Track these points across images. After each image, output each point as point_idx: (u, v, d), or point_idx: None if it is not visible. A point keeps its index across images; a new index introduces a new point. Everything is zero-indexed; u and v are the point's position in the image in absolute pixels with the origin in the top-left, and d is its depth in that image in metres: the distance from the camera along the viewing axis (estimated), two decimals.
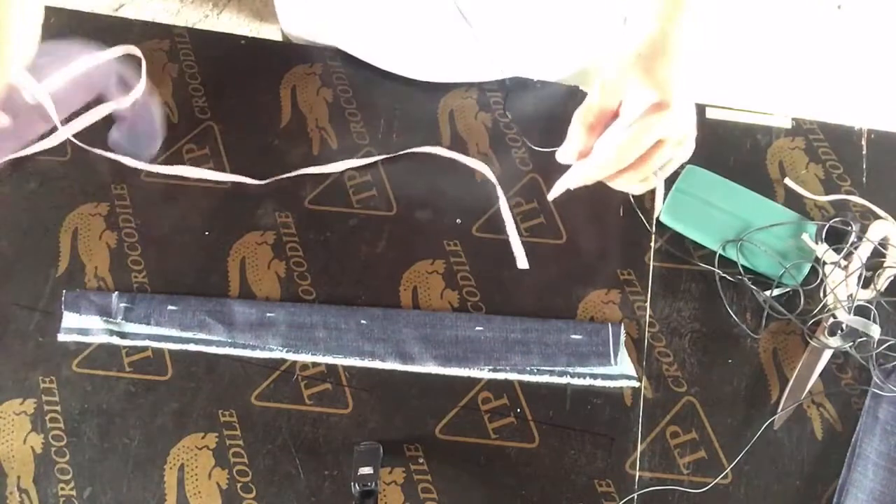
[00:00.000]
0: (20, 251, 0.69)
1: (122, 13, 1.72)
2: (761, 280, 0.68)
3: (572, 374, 0.65)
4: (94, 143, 0.71)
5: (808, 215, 0.71)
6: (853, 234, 0.67)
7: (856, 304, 0.66)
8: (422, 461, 0.63)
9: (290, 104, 0.75)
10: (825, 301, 0.66)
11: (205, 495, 0.62)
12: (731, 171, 0.72)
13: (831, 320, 0.66)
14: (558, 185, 0.59)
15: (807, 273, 0.68)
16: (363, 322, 0.66)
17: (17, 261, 0.68)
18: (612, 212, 0.72)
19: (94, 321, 0.66)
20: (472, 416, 0.65)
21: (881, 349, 0.65)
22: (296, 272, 0.69)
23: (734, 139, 0.75)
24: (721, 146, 0.74)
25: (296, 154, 0.73)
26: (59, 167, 0.71)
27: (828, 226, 0.68)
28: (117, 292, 0.67)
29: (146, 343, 0.66)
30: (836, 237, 0.68)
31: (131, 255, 0.69)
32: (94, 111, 0.71)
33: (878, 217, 0.71)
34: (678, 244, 0.70)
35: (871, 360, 0.66)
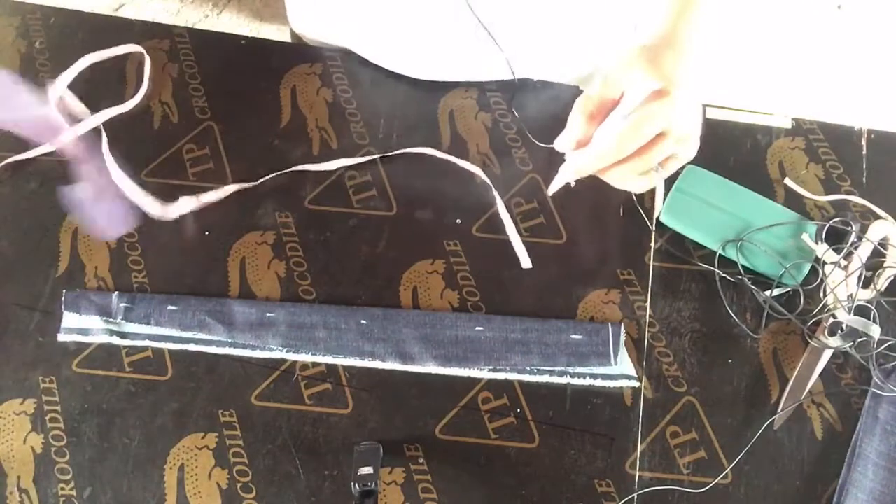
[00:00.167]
0: (20, 251, 0.69)
1: (122, 13, 1.72)
2: (761, 280, 0.68)
3: (572, 374, 0.65)
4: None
5: (808, 215, 0.71)
6: (853, 234, 0.67)
7: (856, 304, 0.66)
8: (422, 461, 0.63)
9: (290, 104, 0.75)
10: (825, 301, 0.66)
11: (205, 495, 0.62)
12: (731, 171, 0.72)
13: (831, 320, 0.66)
14: (557, 178, 0.57)
15: (807, 273, 0.68)
16: (363, 322, 0.66)
17: (17, 261, 0.68)
18: (612, 212, 0.72)
19: (94, 321, 0.66)
20: (472, 416, 0.65)
21: (881, 349, 0.65)
22: (296, 272, 0.69)
23: (734, 139, 0.75)
24: (721, 146, 0.74)
25: (296, 154, 0.73)
26: (59, 167, 0.71)
27: (828, 226, 0.68)
28: (117, 292, 0.67)
29: (146, 343, 0.66)
30: (836, 237, 0.68)
31: (131, 255, 0.69)
32: (97, 115, 0.72)
33: (878, 217, 0.71)
34: (678, 244, 0.70)
35: (871, 360, 0.65)
